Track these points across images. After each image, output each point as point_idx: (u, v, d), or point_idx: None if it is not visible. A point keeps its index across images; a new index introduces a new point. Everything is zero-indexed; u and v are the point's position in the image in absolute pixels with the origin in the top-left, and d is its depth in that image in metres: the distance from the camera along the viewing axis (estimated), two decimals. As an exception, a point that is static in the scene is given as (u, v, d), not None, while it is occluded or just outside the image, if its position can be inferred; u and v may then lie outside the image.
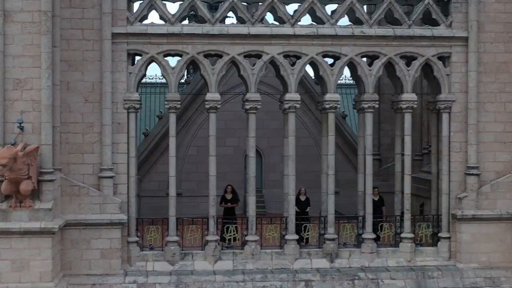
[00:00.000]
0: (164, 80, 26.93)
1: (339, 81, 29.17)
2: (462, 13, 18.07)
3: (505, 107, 18.12)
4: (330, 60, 18.39)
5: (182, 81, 30.20)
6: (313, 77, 26.98)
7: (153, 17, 17.86)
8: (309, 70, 20.83)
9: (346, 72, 18.47)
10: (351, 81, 32.41)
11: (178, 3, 17.90)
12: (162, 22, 17.80)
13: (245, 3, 18.12)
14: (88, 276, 16.90)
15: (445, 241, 18.29)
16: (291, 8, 18.26)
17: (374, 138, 26.69)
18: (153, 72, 44.32)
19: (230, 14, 18.58)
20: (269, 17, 18.78)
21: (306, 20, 18.65)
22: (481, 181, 18.08)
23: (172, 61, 17.81)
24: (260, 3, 18.01)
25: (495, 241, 17.99)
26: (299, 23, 18.12)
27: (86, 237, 16.98)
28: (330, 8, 18.47)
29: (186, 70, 22.76)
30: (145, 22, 17.63)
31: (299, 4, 18.05)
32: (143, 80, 26.85)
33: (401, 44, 18.04)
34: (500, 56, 18.07)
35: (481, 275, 17.77)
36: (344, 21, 18.48)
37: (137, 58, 17.76)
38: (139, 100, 17.54)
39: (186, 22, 18.36)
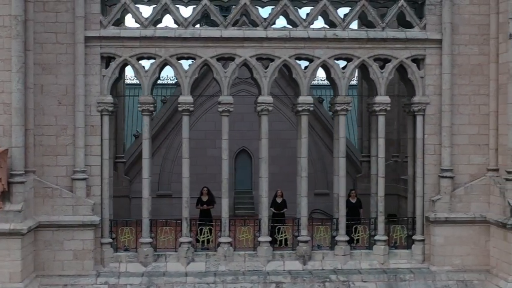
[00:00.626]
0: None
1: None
2: (436, 15, 18.02)
3: (479, 110, 18.04)
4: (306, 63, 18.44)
5: (173, 82, 30.53)
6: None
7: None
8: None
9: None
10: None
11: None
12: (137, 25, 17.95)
13: (218, 6, 18.13)
14: (60, 277, 17.10)
15: (419, 244, 18.25)
16: (266, 11, 18.33)
17: (364, 140, 27.04)
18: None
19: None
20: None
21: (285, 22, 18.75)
22: (455, 183, 18.02)
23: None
24: (233, 8, 18.06)
25: (469, 244, 17.91)
26: (273, 26, 18.17)
27: (59, 238, 17.19)
28: (306, 11, 18.45)
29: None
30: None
31: (273, 7, 18.05)
32: (135, 81, 27.30)
33: (375, 47, 18.04)
34: (474, 58, 18.00)
35: (454, 278, 17.71)
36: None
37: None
38: (112, 103, 17.68)
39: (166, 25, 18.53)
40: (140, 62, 18.01)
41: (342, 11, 18.56)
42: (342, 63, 18.42)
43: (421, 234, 18.27)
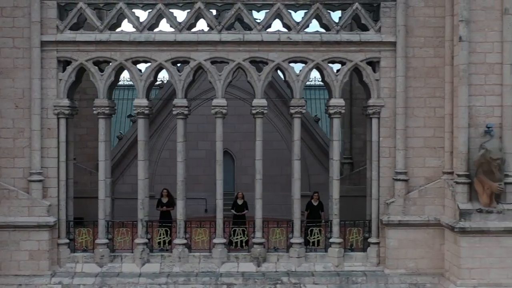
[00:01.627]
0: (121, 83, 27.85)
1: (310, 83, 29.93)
2: (391, 18, 18.00)
3: (435, 112, 17.97)
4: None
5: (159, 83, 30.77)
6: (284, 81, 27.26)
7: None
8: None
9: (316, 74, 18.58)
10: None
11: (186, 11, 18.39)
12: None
13: (172, 10, 18.33)
14: (16, 276, 17.46)
15: (374, 247, 18.25)
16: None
17: (346, 142, 27.07)
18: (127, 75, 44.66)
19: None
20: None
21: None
22: (410, 186, 17.98)
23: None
24: (188, 12, 18.23)
25: (423, 247, 17.84)
26: (235, 28, 18.38)
27: (15, 239, 17.54)
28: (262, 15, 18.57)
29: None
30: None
31: (227, 11, 18.21)
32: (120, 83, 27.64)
33: (329, 50, 18.08)
34: (429, 61, 17.94)
35: (407, 281, 17.68)
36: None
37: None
38: (69, 106, 17.98)
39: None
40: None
41: (301, 14, 18.61)
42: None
43: (376, 237, 18.25)
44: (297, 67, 18.52)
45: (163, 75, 26.86)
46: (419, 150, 17.99)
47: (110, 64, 18.09)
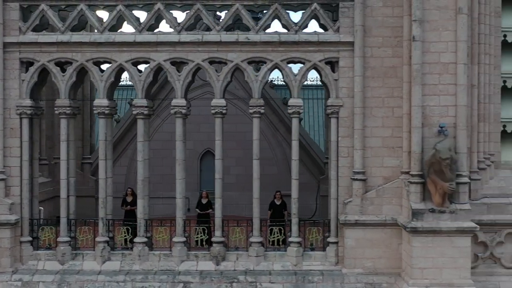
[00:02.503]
0: (124, 83, 28.27)
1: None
2: (350, 18, 18.02)
3: (393, 112, 17.96)
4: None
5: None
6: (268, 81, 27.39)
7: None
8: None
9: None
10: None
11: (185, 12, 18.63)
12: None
13: (134, 11, 18.55)
14: (-23, 273, 17.81)
15: (333, 246, 18.30)
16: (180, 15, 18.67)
17: (328, 142, 27.06)
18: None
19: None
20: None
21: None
22: (368, 186, 18.00)
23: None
24: (148, 13, 18.44)
25: (380, 247, 17.85)
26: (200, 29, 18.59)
27: (-22, 236, 17.90)
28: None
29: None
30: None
31: (187, 11, 18.38)
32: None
33: (288, 50, 18.16)
34: (388, 61, 17.94)
35: (363, 280, 17.71)
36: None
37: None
38: (31, 106, 18.27)
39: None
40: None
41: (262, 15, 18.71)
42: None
43: (335, 237, 18.30)
44: (296, 67, 18.60)
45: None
46: (378, 150, 17.99)
47: (72, 64, 18.29)
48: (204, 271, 18.10)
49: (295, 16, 19.09)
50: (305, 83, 19.07)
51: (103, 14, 18.84)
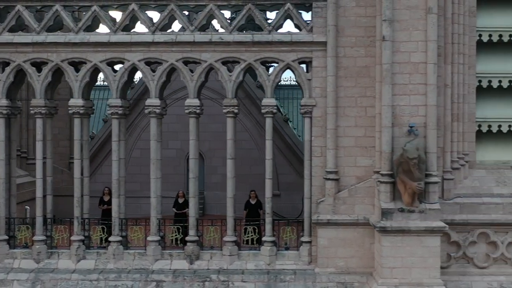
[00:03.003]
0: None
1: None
2: (323, 18, 18.06)
3: (366, 112, 17.98)
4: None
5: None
6: (254, 82, 27.55)
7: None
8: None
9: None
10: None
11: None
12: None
13: (108, 12, 18.67)
14: (-47, 272, 18.00)
15: (306, 245, 18.36)
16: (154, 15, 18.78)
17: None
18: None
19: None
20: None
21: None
22: (341, 186, 18.04)
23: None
24: (123, 13, 18.56)
25: (353, 246, 17.88)
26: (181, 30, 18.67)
27: (-46, 236, 18.10)
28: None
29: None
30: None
31: (161, 12, 18.49)
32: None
33: (261, 50, 18.22)
34: (360, 61, 17.96)
35: (335, 280, 17.74)
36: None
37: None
38: (7, 106, 18.45)
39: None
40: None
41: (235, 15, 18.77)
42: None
43: (309, 236, 18.35)
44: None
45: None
46: (350, 149, 18.02)
47: (47, 65, 18.44)
48: (177, 270, 18.20)
49: (272, 16, 19.11)
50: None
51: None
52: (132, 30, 18.92)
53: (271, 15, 18.97)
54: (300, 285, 17.71)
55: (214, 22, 18.80)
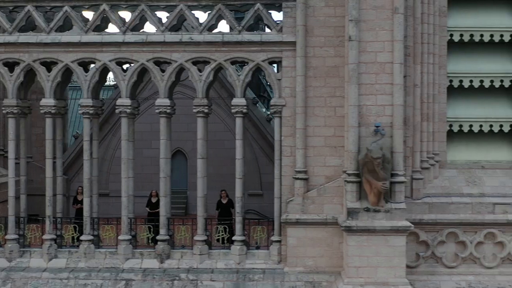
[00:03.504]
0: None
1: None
2: (292, 18, 18.11)
3: (335, 112, 18.03)
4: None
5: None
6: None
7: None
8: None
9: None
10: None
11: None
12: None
13: (81, 13, 18.80)
14: None
15: (276, 245, 18.42)
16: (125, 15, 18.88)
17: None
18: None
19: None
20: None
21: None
22: (310, 185, 18.08)
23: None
24: (94, 13, 18.68)
25: (322, 246, 17.93)
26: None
27: None
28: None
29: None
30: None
31: (131, 12, 18.59)
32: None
33: (231, 50, 18.30)
34: (330, 60, 18.00)
35: (303, 279, 17.79)
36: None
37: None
38: (-17, 105, 18.63)
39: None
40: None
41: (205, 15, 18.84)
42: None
43: (279, 235, 18.42)
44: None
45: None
46: (320, 149, 18.06)
47: (19, 65, 18.57)
48: (148, 269, 18.30)
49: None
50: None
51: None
52: (106, 30, 18.99)
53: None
54: (269, 284, 17.77)
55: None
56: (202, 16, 19.31)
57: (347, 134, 17.39)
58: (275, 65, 19.05)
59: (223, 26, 19.49)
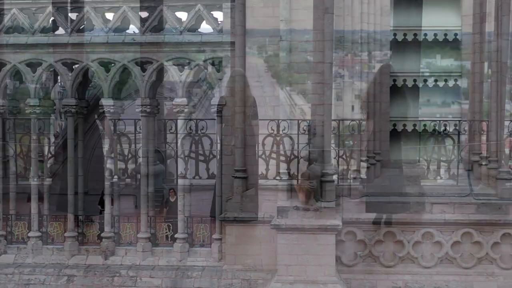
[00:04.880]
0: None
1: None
2: (232, 18, 18.32)
3: (274, 111, 18.17)
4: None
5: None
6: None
7: None
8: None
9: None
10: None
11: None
12: None
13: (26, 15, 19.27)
14: None
15: (217, 243, 18.65)
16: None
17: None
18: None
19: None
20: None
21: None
22: (250, 184, 18.26)
23: None
24: (40, 15, 19.15)
25: (260, 244, 18.08)
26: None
27: None
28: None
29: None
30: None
31: (77, 14, 19.01)
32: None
33: (173, 50, 18.57)
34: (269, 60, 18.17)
35: (240, 276, 17.98)
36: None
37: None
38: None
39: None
40: None
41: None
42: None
43: (220, 233, 18.63)
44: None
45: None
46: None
47: (-27, 66, 19.14)
48: (91, 265, 18.69)
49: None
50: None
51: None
52: (56, 32, 19.43)
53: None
54: (206, 281, 17.99)
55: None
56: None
57: (281, 133, 17.54)
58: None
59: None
